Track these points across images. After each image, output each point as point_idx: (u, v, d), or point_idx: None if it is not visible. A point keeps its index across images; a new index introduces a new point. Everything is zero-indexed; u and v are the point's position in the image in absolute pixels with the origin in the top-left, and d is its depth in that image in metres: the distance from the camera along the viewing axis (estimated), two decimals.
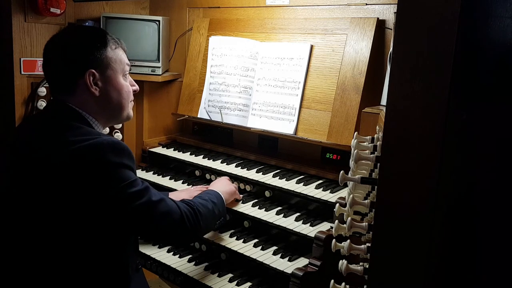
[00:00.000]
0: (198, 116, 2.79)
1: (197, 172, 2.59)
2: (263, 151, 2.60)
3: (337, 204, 1.50)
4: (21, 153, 1.63)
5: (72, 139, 1.56)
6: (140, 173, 2.73)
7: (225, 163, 2.53)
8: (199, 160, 2.62)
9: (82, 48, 1.70)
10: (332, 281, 1.41)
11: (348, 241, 1.39)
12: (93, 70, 1.68)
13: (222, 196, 2.07)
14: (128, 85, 1.81)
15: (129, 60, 1.85)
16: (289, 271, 1.89)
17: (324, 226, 2.05)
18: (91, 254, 1.61)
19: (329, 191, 2.17)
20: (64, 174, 1.53)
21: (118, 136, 2.90)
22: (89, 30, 1.78)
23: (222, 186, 2.17)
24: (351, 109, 2.24)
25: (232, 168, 2.46)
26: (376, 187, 1.14)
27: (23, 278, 1.63)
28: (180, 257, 2.25)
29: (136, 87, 1.88)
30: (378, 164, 1.11)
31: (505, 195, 0.96)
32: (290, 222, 2.08)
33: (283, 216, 2.14)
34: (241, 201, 2.29)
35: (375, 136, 1.58)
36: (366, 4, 2.32)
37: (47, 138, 1.60)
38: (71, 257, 1.60)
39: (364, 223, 1.35)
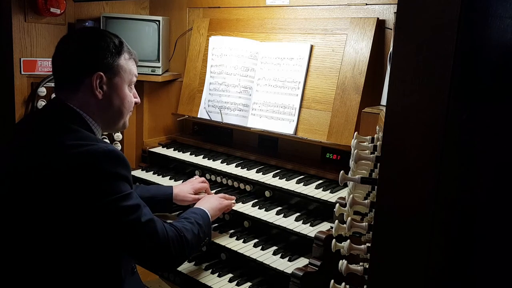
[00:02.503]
0: (198, 116, 2.80)
1: (197, 172, 2.59)
2: (263, 151, 2.60)
3: (337, 204, 1.50)
4: (18, 154, 1.62)
5: (69, 143, 1.54)
6: (140, 173, 2.73)
7: (225, 163, 2.53)
8: (199, 160, 2.62)
9: (97, 49, 1.70)
10: (332, 281, 1.41)
11: (348, 241, 1.39)
12: (102, 74, 1.69)
13: (208, 214, 2.02)
14: (131, 96, 1.83)
15: None
16: (289, 271, 1.89)
17: (324, 226, 2.05)
18: (82, 257, 1.59)
19: (329, 191, 2.17)
20: (58, 179, 1.51)
21: (118, 136, 2.91)
22: (108, 35, 1.78)
23: (209, 203, 2.11)
24: (351, 109, 2.24)
25: (232, 168, 2.46)
26: (376, 187, 1.14)
27: (13, 279, 1.62)
28: None
29: (138, 99, 1.89)
30: (378, 164, 1.11)
31: (506, 195, 0.96)
32: (290, 222, 2.08)
33: (283, 216, 2.14)
34: (240, 202, 2.29)
35: (375, 136, 1.58)
36: (366, 4, 2.32)
37: (44, 140, 1.58)
38: (61, 259, 1.58)
39: (364, 223, 1.35)
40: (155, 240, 1.62)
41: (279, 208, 2.21)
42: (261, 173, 2.39)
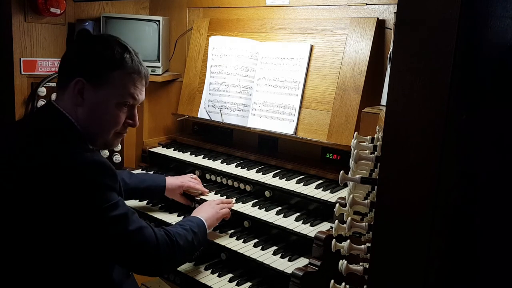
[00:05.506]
0: (198, 116, 2.80)
1: (197, 172, 2.59)
2: (263, 151, 2.60)
3: (337, 204, 1.50)
4: (5, 161, 1.57)
5: (55, 152, 1.51)
6: None
7: (225, 163, 2.53)
8: (199, 160, 2.62)
9: (88, 55, 1.65)
10: (332, 281, 1.41)
11: (348, 241, 1.39)
12: (83, 80, 1.62)
13: (205, 223, 2.00)
14: (117, 116, 1.68)
15: None
16: (289, 271, 1.89)
17: (324, 226, 2.05)
18: (72, 263, 1.58)
19: (329, 191, 2.17)
20: (44, 188, 1.48)
21: None
22: (114, 44, 1.67)
23: (206, 212, 2.09)
24: (351, 109, 2.24)
25: (232, 168, 2.47)
26: (376, 187, 1.14)
27: (4, 283, 1.59)
28: None
29: (132, 122, 1.74)
30: (378, 164, 1.11)
31: (506, 195, 0.96)
32: (290, 222, 2.08)
33: (283, 216, 2.14)
34: (240, 202, 2.29)
35: (375, 136, 1.58)
36: (366, 4, 2.32)
37: (32, 149, 1.54)
38: (51, 266, 1.56)
39: (364, 223, 1.35)
40: (144, 247, 1.62)
41: (279, 208, 2.21)
42: (261, 173, 2.39)
